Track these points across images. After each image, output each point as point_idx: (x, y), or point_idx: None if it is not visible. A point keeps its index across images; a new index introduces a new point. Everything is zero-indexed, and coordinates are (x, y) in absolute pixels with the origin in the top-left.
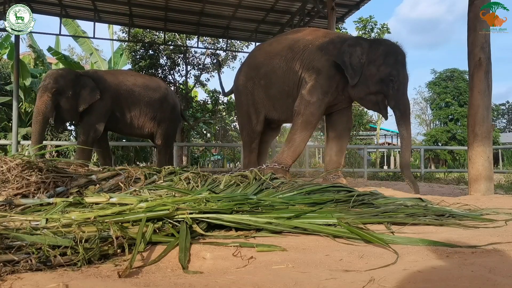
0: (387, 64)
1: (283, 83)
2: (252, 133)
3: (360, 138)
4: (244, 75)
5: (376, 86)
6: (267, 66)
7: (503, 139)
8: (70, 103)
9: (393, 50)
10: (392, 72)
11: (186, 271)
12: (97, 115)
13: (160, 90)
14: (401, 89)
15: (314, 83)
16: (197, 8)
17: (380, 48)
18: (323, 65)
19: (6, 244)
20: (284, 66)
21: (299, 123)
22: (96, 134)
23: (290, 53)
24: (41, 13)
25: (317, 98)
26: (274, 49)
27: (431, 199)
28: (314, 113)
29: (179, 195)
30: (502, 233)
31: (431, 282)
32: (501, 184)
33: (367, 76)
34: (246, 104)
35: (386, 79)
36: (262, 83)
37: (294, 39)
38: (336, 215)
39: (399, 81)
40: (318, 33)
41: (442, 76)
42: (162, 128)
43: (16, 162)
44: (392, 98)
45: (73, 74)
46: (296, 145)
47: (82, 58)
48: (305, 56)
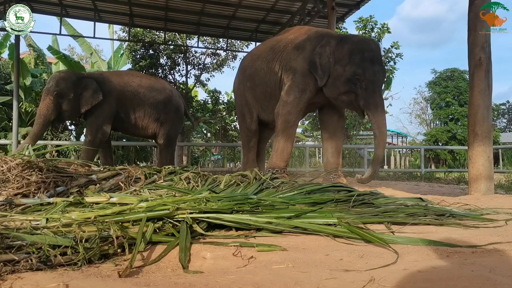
0: (352, 63)
1: (265, 85)
2: (248, 132)
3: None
4: (237, 78)
5: (344, 86)
6: (251, 68)
7: (503, 138)
8: (72, 105)
9: (359, 48)
10: (357, 71)
11: (187, 270)
12: (104, 116)
13: (165, 91)
14: (369, 88)
15: (291, 83)
16: (197, 8)
17: (346, 46)
18: (299, 64)
19: (6, 244)
20: (265, 67)
21: (279, 124)
22: (103, 135)
23: (270, 54)
24: (41, 12)
25: (294, 97)
26: (258, 51)
27: (431, 199)
28: (291, 111)
29: (179, 195)
30: (502, 233)
31: (431, 281)
32: (501, 184)
33: (335, 77)
34: (240, 105)
35: (353, 78)
36: (248, 85)
37: (277, 40)
38: (336, 214)
39: (366, 80)
40: (300, 32)
41: (443, 75)
42: (165, 128)
43: (16, 162)
44: (361, 98)
45: (75, 76)
46: (281, 147)
47: (82, 57)
48: (284, 56)
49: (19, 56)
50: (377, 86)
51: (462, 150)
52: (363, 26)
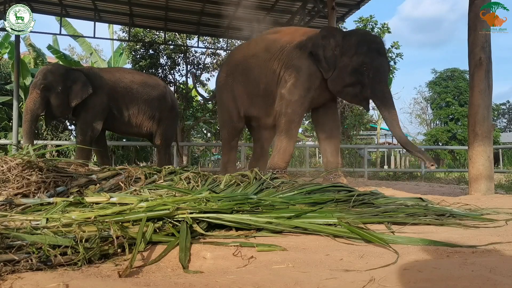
0: (359, 53)
1: (259, 82)
2: (233, 130)
3: (361, 138)
4: (224, 72)
5: (351, 77)
6: (244, 64)
7: (503, 138)
8: (60, 98)
9: (365, 39)
10: (364, 60)
11: (187, 270)
12: (94, 114)
13: (159, 88)
14: (376, 77)
15: (294, 81)
16: (197, 7)
17: (353, 38)
18: (303, 63)
19: (6, 244)
20: (261, 65)
21: (282, 123)
22: (94, 133)
23: (267, 54)
24: (41, 12)
25: (298, 96)
26: (251, 50)
27: (432, 199)
28: (296, 111)
29: (179, 195)
30: (502, 233)
31: (431, 281)
32: (502, 184)
33: (341, 68)
34: (227, 100)
35: (360, 68)
36: (240, 79)
37: (271, 40)
38: (336, 214)
39: (374, 69)
40: (296, 33)
41: (443, 75)
42: (162, 127)
43: (16, 162)
44: (368, 87)
45: (63, 69)
46: (284, 147)
47: (82, 57)
48: (284, 56)
49: (19, 56)
50: (383, 76)
51: (462, 150)
52: (363, 26)
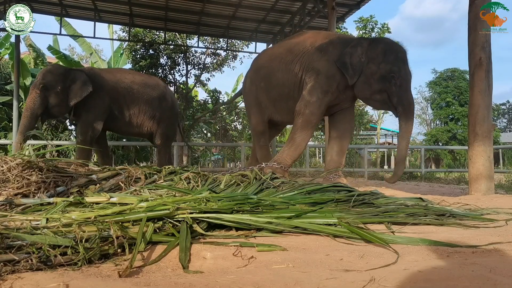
0: (387, 61)
1: (282, 85)
2: (255, 132)
3: (361, 138)
4: (249, 78)
5: (378, 84)
6: (266, 69)
7: (503, 138)
8: (60, 98)
9: (393, 48)
10: (393, 69)
11: (187, 270)
12: (94, 114)
13: (159, 88)
14: (403, 85)
15: (313, 83)
16: (197, 7)
17: (380, 46)
18: (323, 66)
19: (6, 244)
20: (283, 68)
21: (299, 122)
22: (94, 133)
23: (289, 56)
24: (41, 12)
25: (317, 98)
26: (274, 52)
27: (432, 199)
28: (314, 112)
29: (179, 195)
30: (502, 233)
31: (431, 281)
32: (502, 184)
33: (368, 75)
34: (249, 106)
35: (388, 76)
36: (262, 85)
37: (294, 43)
38: (336, 214)
39: (401, 77)
40: (318, 36)
41: (443, 75)
42: (162, 127)
43: (16, 162)
44: (395, 95)
45: (62, 69)
46: (296, 145)
47: (82, 57)
48: (305, 58)
49: (19, 56)
50: (409, 84)
51: (463, 150)
52: (363, 26)
